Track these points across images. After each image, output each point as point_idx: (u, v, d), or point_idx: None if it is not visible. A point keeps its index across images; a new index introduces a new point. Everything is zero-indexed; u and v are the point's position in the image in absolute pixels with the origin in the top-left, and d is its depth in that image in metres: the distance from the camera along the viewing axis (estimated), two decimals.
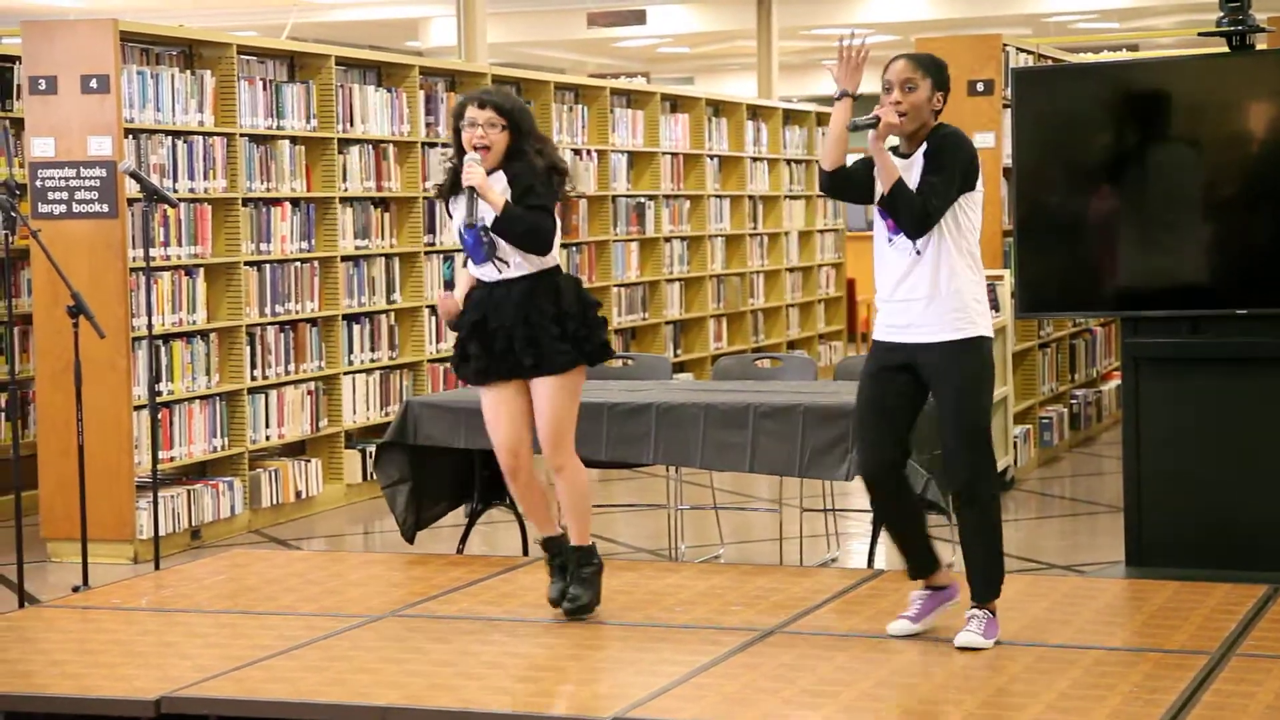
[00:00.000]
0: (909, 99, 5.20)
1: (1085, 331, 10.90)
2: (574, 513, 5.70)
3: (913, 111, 5.20)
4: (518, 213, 5.49)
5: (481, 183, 5.49)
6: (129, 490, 7.71)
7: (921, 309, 5.24)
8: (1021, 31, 22.69)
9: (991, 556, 5.35)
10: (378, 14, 21.33)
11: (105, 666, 5.36)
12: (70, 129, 7.72)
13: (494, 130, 5.52)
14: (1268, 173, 6.41)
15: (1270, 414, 6.40)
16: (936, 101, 5.24)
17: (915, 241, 5.21)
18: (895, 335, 5.30)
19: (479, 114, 5.52)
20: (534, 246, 5.54)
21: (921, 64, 5.25)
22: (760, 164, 14.20)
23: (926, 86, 5.21)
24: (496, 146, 5.54)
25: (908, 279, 5.24)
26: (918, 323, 5.25)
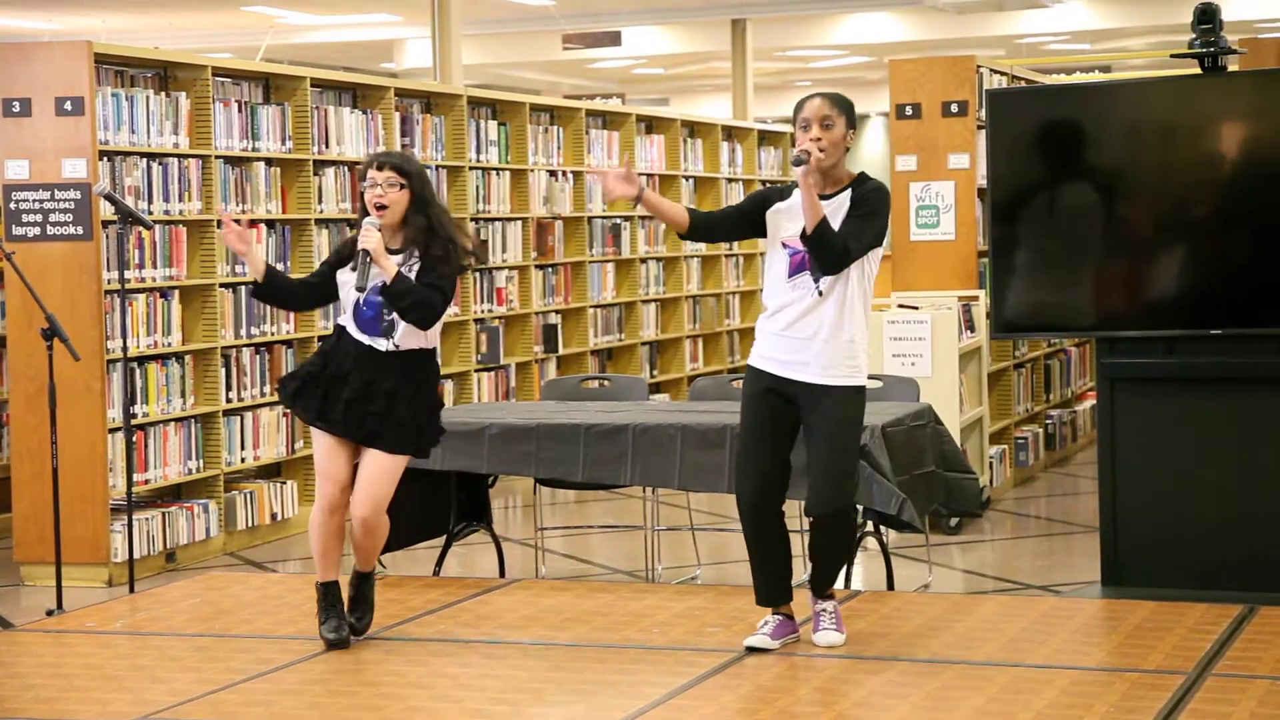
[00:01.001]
0: (828, 135, 5.38)
1: (1060, 352, 10.93)
2: (366, 553, 5.81)
3: (831, 148, 5.38)
4: (409, 285, 5.56)
5: (376, 247, 5.55)
6: (104, 513, 7.68)
7: (816, 350, 5.40)
8: (995, 53, 22.79)
9: (839, 563, 5.63)
10: (353, 36, 21.33)
11: (79, 690, 5.33)
12: (44, 151, 7.70)
13: (393, 190, 5.62)
14: (1240, 193, 6.44)
15: (1245, 434, 6.42)
16: (849, 139, 5.45)
17: (818, 282, 5.37)
18: (784, 370, 5.45)
19: (378, 175, 5.63)
20: (419, 321, 5.60)
21: (837, 103, 5.45)
22: (735, 184, 14.23)
23: (842, 124, 5.41)
24: (396, 206, 5.63)
25: (806, 318, 5.40)
26: (810, 362, 5.41)
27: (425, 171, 5.75)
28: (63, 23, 19.39)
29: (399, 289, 5.54)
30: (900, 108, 9.35)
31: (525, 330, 11.00)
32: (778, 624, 5.59)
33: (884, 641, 5.66)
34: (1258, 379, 6.39)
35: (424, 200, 5.66)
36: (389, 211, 5.62)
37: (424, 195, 5.66)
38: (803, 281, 5.40)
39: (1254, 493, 6.40)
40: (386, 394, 5.63)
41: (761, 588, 5.63)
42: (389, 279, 5.54)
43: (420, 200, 5.65)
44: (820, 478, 5.45)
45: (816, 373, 5.41)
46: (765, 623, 5.60)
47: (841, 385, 5.42)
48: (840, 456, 5.43)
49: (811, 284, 5.38)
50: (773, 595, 5.62)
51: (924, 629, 5.77)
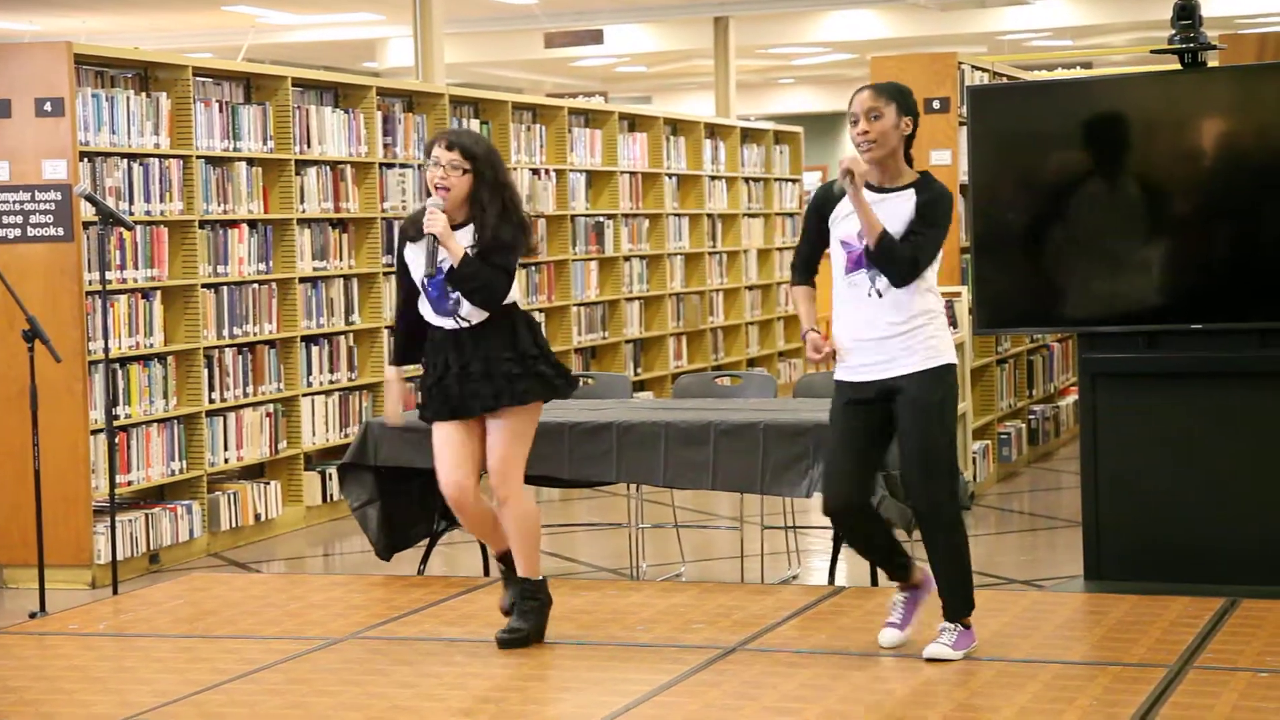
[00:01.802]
0: (875, 126, 5.29)
1: (1043, 347, 10.96)
2: (520, 545, 5.68)
3: (881, 138, 5.30)
4: (475, 268, 5.48)
5: (443, 230, 5.47)
6: (86, 515, 7.66)
7: (884, 347, 5.30)
8: (977, 49, 22.82)
9: (959, 574, 5.40)
10: (334, 35, 21.30)
11: (63, 693, 5.32)
12: (25, 152, 7.68)
13: (455, 173, 5.49)
14: (1221, 188, 6.46)
15: (1226, 427, 6.44)
16: (905, 126, 5.34)
17: (874, 282, 5.29)
18: (863, 374, 5.35)
19: (444, 154, 5.49)
20: (483, 303, 5.53)
21: (884, 91, 5.36)
22: (719, 182, 14.23)
23: (892, 112, 5.30)
24: (457, 189, 5.51)
25: (868, 318, 5.31)
26: (884, 359, 5.31)
27: (495, 152, 5.59)
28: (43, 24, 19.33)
29: (466, 272, 5.46)
30: None
31: None
32: (904, 603, 5.51)
33: (868, 637, 5.67)
34: (1238, 373, 6.41)
35: (495, 184, 5.51)
36: (450, 194, 5.49)
37: (495, 179, 5.51)
38: (859, 279, 5.31)
39: (1235, 486, 6.42)
40: (482, 360, 5.53)
41: (887, 574, 5.57)
42: (455, 262, 5.46)
43: (491, 184, 5.51)
44: (909, 477, 5.38)
45: (897, 366, 5.29)
46: (894, 606, 5.53)
47: (924, 370, 5.28)
48: (925, 448, 5.28)
49: (868, 283, 5.29)
50: (893, 576, 5.54)
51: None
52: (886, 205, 5.30)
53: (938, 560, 5.39)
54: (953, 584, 5.39)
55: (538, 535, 5.71)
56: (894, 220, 5.29)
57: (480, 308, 5.54)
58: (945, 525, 5.35)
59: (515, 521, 5.65)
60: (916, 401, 5.28)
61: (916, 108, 5.39)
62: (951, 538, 5.36)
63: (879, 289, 5.29)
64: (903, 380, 5.29)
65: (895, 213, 5.29)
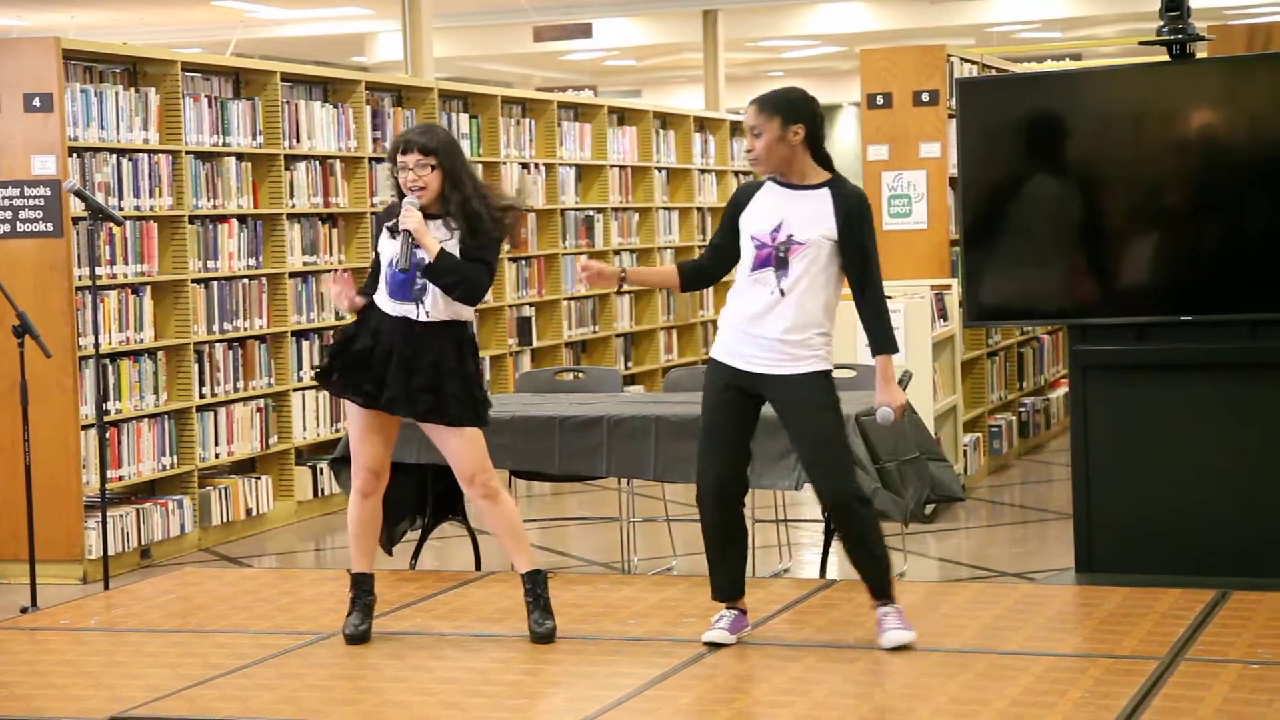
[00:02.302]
0: (758, 144, 5.39)
1: (1033, 340, 10.97)
2: (516, 539, 5.68)
3: (764, 154, 5.37)
4: (453, 263, 5.49)
5: (418, 227, 5.49)
6: (77, 510, 7.66)
7: (777, 345, 5.35)
8: (965, 42, 22.84)
9: (875, 559, 5.44)
10: (323, 30, 21.28)
11: (55, 687, 5.32)
12: (13, 148, 7.67)
13: (425, 171, 5.52)
14: (1210, 180, 6.47)
15: (1216, 419, 6.45)
16: (793, 135, 5.36)
17: (780, 282, 5.34)
18: (747, 364, 5.40)
19: (407, 158, 5.53)
20: (464, 297, 5.54)
21: (766, 105, 5.40)
22: (708, 176, 14.23)
23: (774, 126, 5.35)
24: (431, 185, 5.54)
25: (768, 315, 5.35)
26: (770, 356, 5.36)
27: (454, 142, 5.60)
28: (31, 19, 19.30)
29: (443, 266, 5.47)
30: (871, 97, 9.36)
31: (499, 323, 10.99)
32: (734, 618, 5.58)
33: (859, 630, 5.68)
34: (1228, 364, 6.42)
35: (456, 174, 5.53)
36: (426, 192, 5.52)
37: (455, 169, 5.53)
38: (764, 278, 5.35)
39: (1226, 477, 6.43)
40: (431, 365, 5.52)
41: (718, 582, 5.58)
42: (431, 258, 5.46)
43: (453, 174, 5.53)
44: (808, 466, 5.45)
45: (776, 364, 5.35)
46: (721, 617, 5.58)
47: (805, 373, 5.36)
48: (825, 440, 5.37)
49: (774, 282, 5.33)
50: (724, 588, 5.58)
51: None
52: (801, 202, 5.34)
53: (859, 545, 5.44)
54: (876, 564, 5.44)
55: (522, 526, 5.73)
56: (813, 219, 5.33)
57: (461, 302, 5.54)
58: (849, 513, 5.40)
59: (506, 516, 5.65)
60: (807, 400, 5.36)
61: (811, 110, 5.40)
62: (857, 524, 5.41)
63: (783, 288, 5.32)
64: (791, 380, 5.35)
65: (813, 211, 5.34)
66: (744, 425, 5.50)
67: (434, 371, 5.53)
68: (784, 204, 5.36)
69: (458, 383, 5.55)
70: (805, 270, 5.31)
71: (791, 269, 5.32)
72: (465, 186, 5.55)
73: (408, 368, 5.53)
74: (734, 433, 5.48)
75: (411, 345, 5.54)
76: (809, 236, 5.31)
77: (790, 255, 5.31)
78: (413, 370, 5.53)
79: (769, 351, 5.36)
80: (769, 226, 5.35)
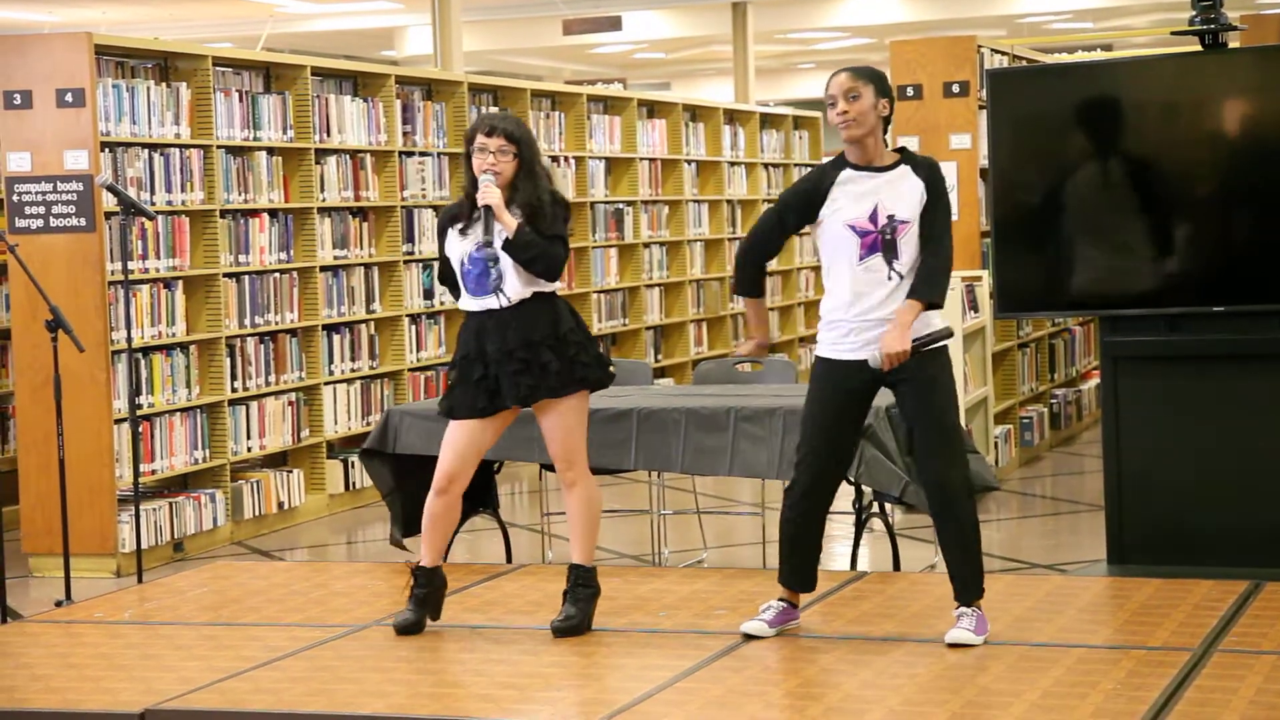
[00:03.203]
0: (854, 106, 5.34)
1: (1064, 331, 10.93)
2: (582, 529, 5.70)
3: (859, 117, 5.34)
4: (531, 237, 5.51)
5: (498, 203, 5.51)
6: (111, 504, 7.70)
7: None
8: (996, 33, 22.76)
9: (969, 557, 5.40)
10: (353, 24, 21.33)
11: (89, 680, 5.35)
12: (46, 143, 7.71)
13: (504, 157, 5.55)
14: (1242, 170, 6.44)
15: (1248, 410, 6.42)
16: (882, 108, 5.38)
17: (892, 265, 5.32)
18: (864, 353, 5.35)
19: (489, 141, 5.55)
20: (545, 272, 5.55)
21: (861, 74, 5.41)
22: (738, 168, 14.22)
23: (869, 93, 5.36)
24: (505, 173, 5.57)
25: (887, 302, 5.33)
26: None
27: (533, 135, 5.67)
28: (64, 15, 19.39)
29: (523, 240, 5.49)
30: (902, 89, 9.34)
31: None
32: (779, 611, 5.57)
33: (890, 622, 5.67)
34: (1261, 355, 6.39)
35: (531, 166, 5.58)
36: (500, 178, 5.54)
37: (531, 161, 5.58)
38: (875, 264, 5.32)
39: (1258, 469, 6.40)
40: (524, 346, 5.53)
41: (785, 569, 5.55)
42: (511, 233, 5.49)
43: (528, 166, 5.57)
44: (923, 452, 5.42)
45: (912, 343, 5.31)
46: (767, 607, 5.59)
47: (937, 349, 5.33)
48: (940, 426, 5.34)
49: (885, 267, 5.32)
50: (795, 579, 5.54)
51: (930, 609, 5.77)
52: (890, 184, 5.33)
53: (945, 540, 5.43)
54: (966, 564, 5.40)
55: (599, 521, 5.74)
56: (907, 196, 5.33)
57: (542, 277, 5.55)
58: (952, 507, 5.37)
59: (583, 505, 5.68)
60: (928, 379, 5.32)
61: (892, 93, 5.46)
62: (960, 520, 5.37)
63: (899, 272, 5.31)
64: (911, 360, 5.30)
65: (902, 189, 5.34)
66: (854, 426, 5.49)
67: (528, 351, 5.55)
68: (873, 187, 5.35)
69: (551, 353, 5.55)
70: (910, 247, 5.32)
71: (901, 252, 5.31)
72: (538, 180, 5.58)
73: (507, 358, 5.56)
74: (843, 435, 5.45)
75: (505, 335, 5.56)
76: (909, 215, 5.32)
77: (897, 237, 5.31)
78: (510, 357, 5.55)
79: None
80: (864, 213, 5.33)
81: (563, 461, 5.66)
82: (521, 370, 5.55)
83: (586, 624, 5.69)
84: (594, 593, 5.72)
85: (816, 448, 5.46)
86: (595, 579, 5.72)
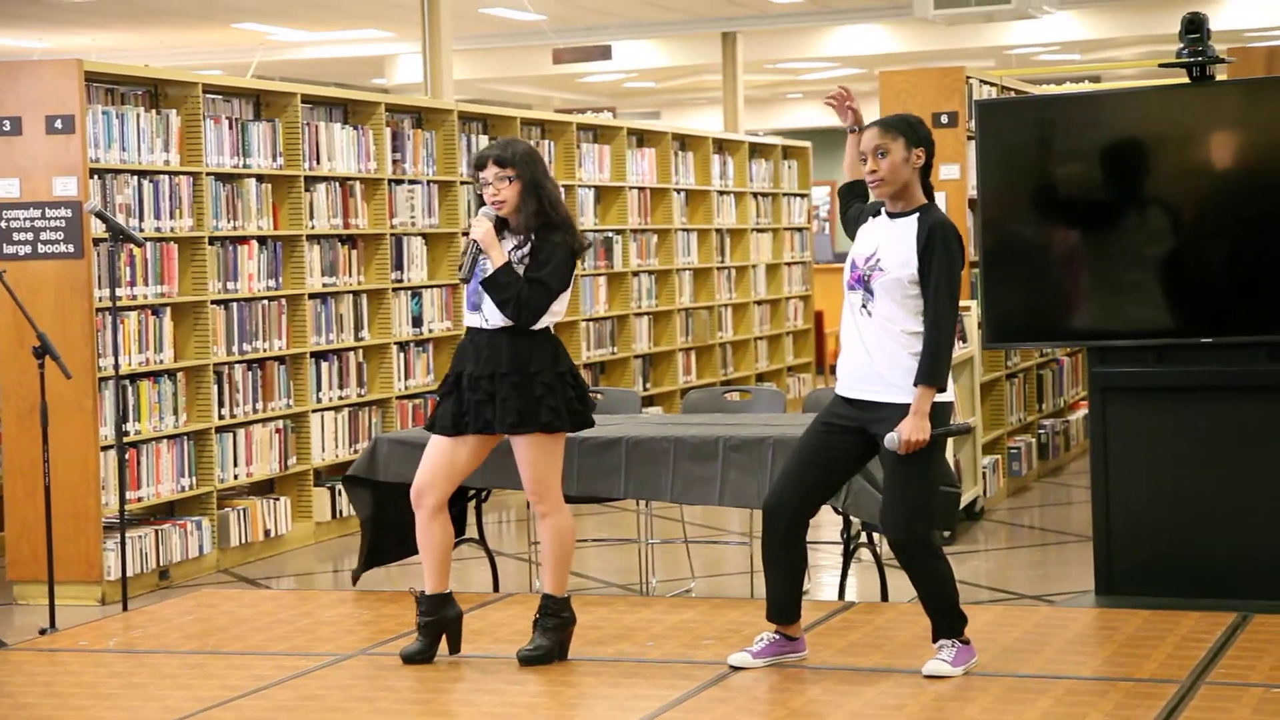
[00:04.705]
0: (883, 164, 5.33)
1: (1052, 362, 10.95)
2: (555, 560, 5.68)
3: (890, 175, 5.33)
4: (509, 279, 5.50)
5: (484, 237, 5.53)
6: (96, 531, 7.67)
7: (875, 368, 5.30)
8: (985, 64, 22.83)
9: (938, 602, 5.38)
10: (343, 52, 21.34)
11: (73, 709, 5.32)
12: (35, 169, 7.70)
13: (504, 185, 5.56)
14: (1229, 202, 6.46)
15: (1236, 441, 6.43)
16: (916, 159, 5.36)
17: (866, 306, 5.32)
18: (850, 390, 5.38)
19: (486, 174, 5.58)
20: (515, 317, 5.53)
21: (891, 127, 5.38)
22: (727, 197, 14.24)
23: (899, 147, 5.33)
24: (510, 198, 5.57)
25: (861, 335, 5.33)
26: (871, 379, 5.32)
27: (532, 152, 5.62)
28: (53, 41, 19.39)
29: (501, 280, 5.49)
30: None
31: None
32: (770, 643, 5.55)
33: (878, 653, 5.66)
34: (1248, 387, 6.40)
35: (534, 184, 5.56)
36: (506, 205, 5.56)
37: (534, 179, 5.56)
38: (855, 299, 5.35)
39: (1246, 500, 6.41)
40: (489, 378, 5.54)
41: (771, 602, 5.53)
42: (493, 267, 5.50)
43: (530, 184, 5.56)
44: (884, 500, 5.40)
45: (879, 390, 5.30)
46: (760, 639, 5.56)
47: (898, 403, 5.26)
48: (901, 483, 5.29)
49: (859, 303, 5.33)
50: (776, 611, 5.52)
51: (918, 639, 5.76)
52: (894, 229, 5.34)
53: (917, 586, 5.40)
54: (933, 607, 5.38)
55: (572, 552, 5.73)
56: (899, 243, 5.31)
57: (514, 321, 5.54)
58: (913, 564, 5.33)
59: (555, 535, 5.67)
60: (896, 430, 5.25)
61: (929, 136, 5.40)
62: (924, 564, 5.33)
63: (870, 310, 5.31)
64: (888, 409, 5.29)
65: (901, 236, 5.32)
66: (827, 459, 5.40)
67: (491, 384, 5.56)
68: (885, 231, 5.35)
69: (513, 391, 5.54)
70: (888, 294, 5.27)
71: (876, 294, 5.29)
72: (541, 201, 5.56)
73: (473, 384, 5.58)
74: (813, 461, 5.41)
75: (496, 357, 5.57)
76: (891, 262, 5.28)
77: (873, 279, 5.30)
78: (476, 385, 5.57)
79: (869, 371, 5.33)
80: (864, 252, 5.35)
81: (534, 495, 5.66)
82: (484, 401, 5.56)
83: (556, 653, 5.67)
84: (564, 622, 5.70)
85: (785, 468, 5.49)
86: (567, 608, 5.70)
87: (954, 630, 5.38)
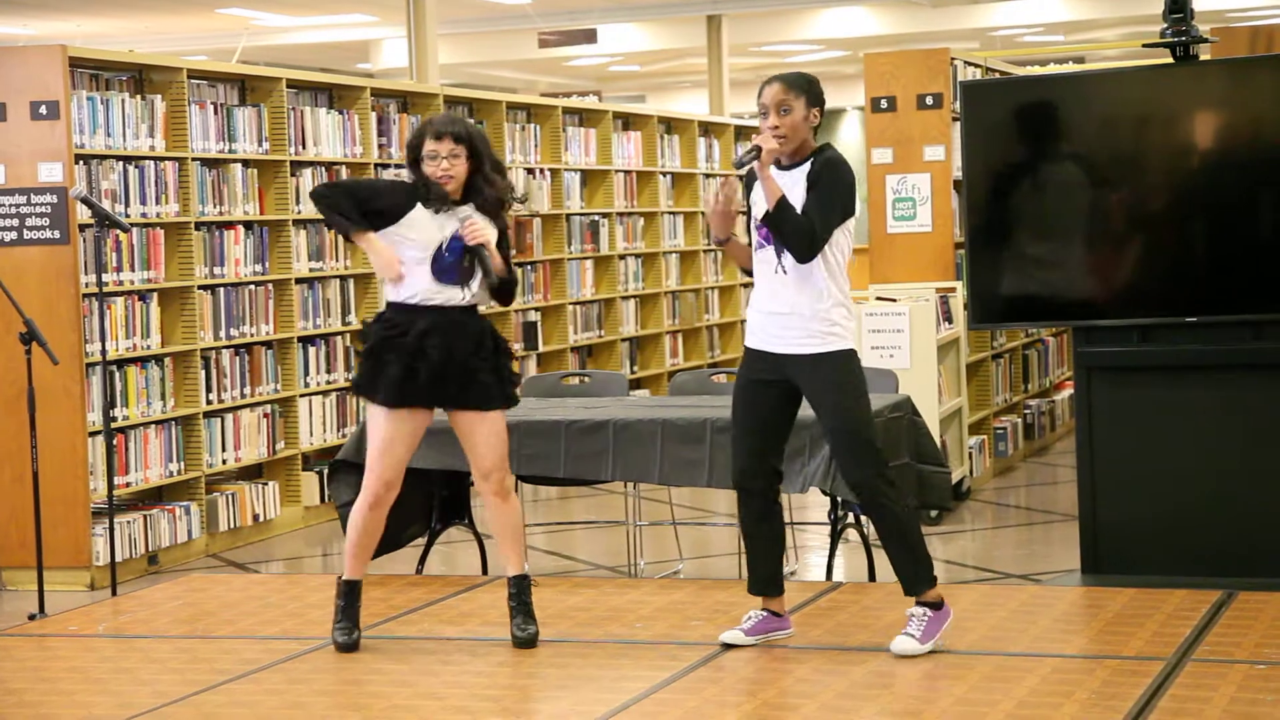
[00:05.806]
0: (785, 121, 5.32)
1: (1038, 342, 10.97)
2: (516, 541, 5.71)
3: (791, 132, 5.33)
4: (514, 276, 5.65)
5: (489, 241, 5.55)
6: (85, 517, 7.67)
7: (793, 323, 5.33)
8: (969, 45, 22.84)
9: (908, 546, 5.38)
10: (328, 37, 21.30)
11: (63, 694, 5.33)
12: (20, 155, 7.69)
13: (457, 162, 5.54)
14: (1213, 181, 6.48)
15: (1221, 420, 6.46)
16: (813, 118, 5.37)
17: (780, 259, 5.31)
18: (768, 345, 5.40)
19: (439, 146, 5.51)
20: (505, 301, 5.68)
21: (793, 84, 5.36)
22: (713, 180, 14.24)
23: (801, 105, 5.33)
24: (459, 175, 5.57)
25: (776, 295, 5.35)
26: (788, 335, 5.34)
27: (480, 130, 5.65)
28: (38, 27, 19.34)
29: (513, 280, 5.65)
30: (875, 101, 9.37)
31: (505, 328, 11.00)
32: (760, 620, 5.58)
33: (865, 633, 5.69)
34: (1233, 365, 6.43)
35: (481, 159, 5.57)
36: (454, 183, 5.55)
37: (482, 155, 5.58)
38: (765, 257, 5.35)
39: (1231, 478, 6.44)
40: (469, 354, 5.55)
41: (752, 577, 5.57)
42: (500, 273, 5.55)
43: (479, 160, 5.57)
44: (835, 458, 5.45)
45: (797, 343, 5.32)
46: (749, 617, 5.60)
47: (820, 353, 5.31)
48: (841, 425, 5.31)
49: (774, 259, 5.33)
50: (757, 584, 5.56)
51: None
52: (786, 181, 5.33)
53: (882, 537, 5.42)
54: (899, 559, 5.39)
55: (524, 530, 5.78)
56: (796, 192, 5.31)
57: (498, 303, 5.70)
58: (875, 502, 5.35)
59: (513, 517, 5.69)
60: (824, 382, 5.30)
61: (823, 97, 5.40)
62: (886, 514, 5.35)
63: (784, 266, 5.32)
64: (804, 361, 5.31)
65: (794, 189, 5.32)
66: (767, 416, 5.45)
67: (479, 360, 5.58)
68: (781, 184, 5.33)
69: (488, 365, 5.60)
70: None
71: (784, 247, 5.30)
72: (487, 171, 5.59)
73: (454, 360, 5.56)
74: (754, 426, 5.45)
75: (464, 334, 5.57)
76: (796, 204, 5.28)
77: None
78: (463, 363, 5.56)
79: (786, 330, 5.34)
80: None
81: (499, 471, 5.63)
82: (489, 371, 5.58)
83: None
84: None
85: (735, 438, 5.51)
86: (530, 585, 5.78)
87: (920, 578, 5.37)
